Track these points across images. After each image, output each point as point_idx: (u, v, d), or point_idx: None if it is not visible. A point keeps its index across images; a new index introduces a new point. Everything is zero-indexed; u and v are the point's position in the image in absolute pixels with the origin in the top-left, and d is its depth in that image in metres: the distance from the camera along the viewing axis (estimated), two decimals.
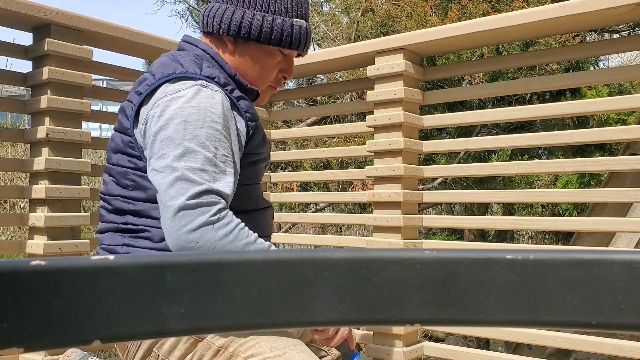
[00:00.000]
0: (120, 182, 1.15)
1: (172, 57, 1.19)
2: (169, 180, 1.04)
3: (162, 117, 1.08)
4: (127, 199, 1.14)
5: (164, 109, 1.08)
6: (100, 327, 0.28)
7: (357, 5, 4.45)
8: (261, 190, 1.33)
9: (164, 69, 1.14)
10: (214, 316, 0.29)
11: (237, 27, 1.20)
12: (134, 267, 0.29)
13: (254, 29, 1.20)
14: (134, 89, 1.17)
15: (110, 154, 1.18)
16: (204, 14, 1.26)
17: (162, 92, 1.11)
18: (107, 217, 1.17)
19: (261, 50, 1.24)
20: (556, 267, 0.29)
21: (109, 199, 1.17)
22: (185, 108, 1.08)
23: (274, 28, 1.21)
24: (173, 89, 1.10)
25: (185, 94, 1.09)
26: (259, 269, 0.30)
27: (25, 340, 0.27)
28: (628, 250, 0.31)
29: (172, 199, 1.02)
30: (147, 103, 1.13)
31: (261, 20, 1.20)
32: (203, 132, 1.07)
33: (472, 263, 0.30)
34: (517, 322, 0.30)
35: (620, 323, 0.28)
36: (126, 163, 1.14)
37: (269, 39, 1.22)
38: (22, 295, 0.27)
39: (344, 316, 0.30)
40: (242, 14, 1.20)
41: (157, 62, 1.20)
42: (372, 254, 0.30)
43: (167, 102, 1.09)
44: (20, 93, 8.38)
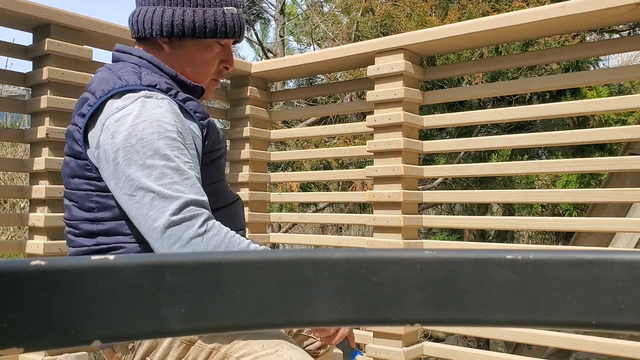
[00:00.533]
0: (84, 206, 1.13)
1: (109, 72, 1.16)
2: (146, 203, 1.02)
3: (116, 140, 1.05)
4: (94, 221, 1.12)
5: (115, 130, 1.05)
6: (100, 327, 0.28)
7: (357, 5, 4.45)
8: (227, 185, 1.32)
9: (103, 86, 1.10)
10: (214, 316, 0.29)
11: (170, 26, 1.17)
12: (134, 267, 0.29)
13: (187, 25, 1.18)
14: (77, 110, 1.14)
15: (67, 179, 1.16)
16: (131, 20, 1.22)
17: (107, 112, 1.08)
18: (76, 242, 1.14)
19: (197, 45, 1.22)
20: (556, 267, 0.29)
21: (75, 224, 1.14)
22: (136, 125, 1.05)
23: (206, 20, 1.19)
24: (117, 106, 1.07)
25: (131, 110, 1.06)
26: (259, 269, 0.30)
27: (25, 340, 0.27)
28: (628, 250, 0.31)
29: (155, 221, 1.01)
30: (93, 125, 1.09)
31: (192, 15, 1.18)
32: (161, 143, 1.04)
33: (472, 263, 0.30)
34: (517, 322, 0.30)
35: (620, 323, 0.28)
36: (86, 186, 1.12)
37: (203, 32, 1.19)
38: (22, 295, 0.27)
39: (344, 316, 0.30)
40: (171, 13, 1.17)
41: (95, 78, 1.17)
42: (372, 254, 0.30)
43: (115, 123, 1.06)
44: (20, 93, 8.38)
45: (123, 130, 1.04)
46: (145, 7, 1.20)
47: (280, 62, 2.12)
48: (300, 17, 6.69)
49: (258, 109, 2.15)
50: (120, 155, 1.04)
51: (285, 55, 6.21)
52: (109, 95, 1.09)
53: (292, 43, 7.44)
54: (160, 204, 1.01)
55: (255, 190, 2.14)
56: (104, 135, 1.06)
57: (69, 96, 1.61)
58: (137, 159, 1.03)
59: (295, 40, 7.12)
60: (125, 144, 1.04)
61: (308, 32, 5.64)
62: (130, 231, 1.10)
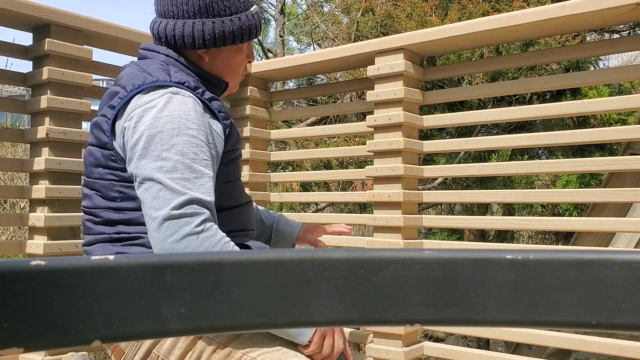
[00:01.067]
0: (107, 195, 1.15)
1: (139, 67, 1.18)
2: (152, 193, 1.05)
3: (137, 130, 1.08)
4: (116, 210, 1.14)
5: (138, 120, 1.09)
6: (100, 327, 0.28)
7: (357, 5, 4.45)
8: (242, 186, 1.35)
9: (134, 81, 1.13)
10: (214, 316, 0.29)
11: (212, 39, 1.20)
12: (134, 267, 0.29)
13: (227, 36, 1.21)
14: (106, 103, 1.17)
15: (90, 168, 1.18)
16: (162, 32, 1.22)
17: (134, 104, 1.11)
18: (95, 229, 1.17)
19: (233, 50, 1.26)
20: (556, 267, 0.29)
21: (96, 212, 1.16)
22: (159, 118, 1.08)
23: (242, 27, 1.23)
24: (145, 99, 1.11)
25: (157, 104, 1.09)
26: (259, 269, 0.30)
27: (25, 340, 0.27)
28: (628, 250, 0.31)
29: (156, 210, 1.03)
30: (121, 116, 1.13)
31: (230, 24, 1.21)
32: (179, 139, 1.07)
33: (472, 263, 0.30)
34: (517, 322, 0.30)
35: (620, 323, 0.28)
36: (110, 176, 1.15)
37: (240, 39, 1.24)
38: (22, 295, 0.27)
39: (344, 316, 0.30)
40: (211, 26, 1.20)
41: (125, 73, 1.20)
42: (372, 254, 0.30)
43: (140, 113, 1.09)
44: (20, 93, 8.38)
45: (146, 121, 1.08)
46: (180, 20, 1.20)
47: (280, 62, 2.12)
48: (300, 17, 6.69)
49: (258, 109, 2.15)
50: (140, 145, 1.07)
51: (285, 55, 6.21)
52: (139, 89, 1.12)
53: (292, 43, 7.44)
54: (166, 195, 1.04)
55: (255, 190, 2.14)
56: (128, 124, 1.10)
57: (69, 96, 1.61)
58: (153, 149, 1.06)
59: (295, 40, 7.12)
60: (145, 135, 1.07)
61: (308, 32, 5.65)
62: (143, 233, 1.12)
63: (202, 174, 1.08)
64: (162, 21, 1.22)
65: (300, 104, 4.94)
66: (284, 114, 3.39)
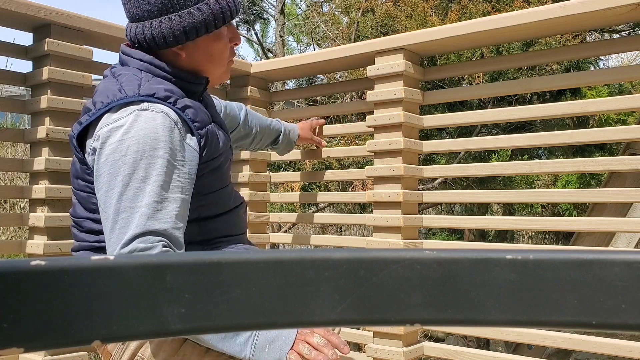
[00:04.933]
0: (87, 206, 1.16)
1: (113, 80, 1.16)
2: (109, 224, 1.03)
3: (103, 153, 1.06)
4: (95, 221, 1.15)
5: (104, 141, 1.07)
6: (100, 327, 0.28)
7: (357, 5, 4.45)
8: (232, 189, 1.32)
9: (103, 97, 1.11)
10: (214, 316, 0.29)
11: (183, 33, 1.16)
12: (134, 267, 0.29)
13: (199, 25, 1.16)
14: (80, 115, 1.17)
15: (72, 178, 1.19)
16: (133, 37, 1.20)
17: (103, 122, 1.09)
18: (80, 236, 1.19)
19: (209, 39, 1.21)
20: (556, 267, 0.29)
21: (79, 221, 1.19)
22: (124, 141, 1.05)
23: (213, 12, 1.17)
24: (113, 118, 1.08)
25: (124, 123, 1.06)
26: (259, 269, 0.30)
27: (25, 340, 0.27)
28: (628, 250, 0.31)
29: (110, 246, 1.03)
30: (91, 135, 1.11)
31: (199, 13, 1.16)
32: (143, 163, 1.04)
33: (472, 263, 0.30)
34: (517, 322, 0.30)
35: (620, 323, 0.28)
36: (87, 189, 1.15)
37: (214, 25, 1.18)
38: (22, 295, 0.27)
39: (344, 316, 0.30)
40: (179, 20, 1.15)
41: (99, 87, 1.17)
42: (372, 254, 0.30)
43: (106, 134, 1.07)
44: (20, 93, 8.37)
45: (111, 144, 1.05)
46: (147, 21, 1.17)
47: (280, 62, 2.12)
48: (300, 17, 6.69)
49: (258, 109, 2.15)
50: (102, 169, 1.05)
51: (285, 55, 6.21)
52: (107, 107, 1.09)
53: (292, 43, 7.44)
54: (120, 229, 1.02)
55: (255, 190, 2.14)
56: (95, 144, 1.08)
57: (69, 96, 1.61)
58: (117, 175, 1.04)
59: (295, 40, 7.12)
60: (110, 160, 1.05)
61: (308, 32, 5.65)
62: None
63: (162, 198, 1.05)
64: (132, 25, 1.19)
65: (300, 104, 4.94)
66: (284, 114, 3.39)
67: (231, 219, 1.27)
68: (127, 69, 1.18)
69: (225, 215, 1.26)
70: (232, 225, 1.28)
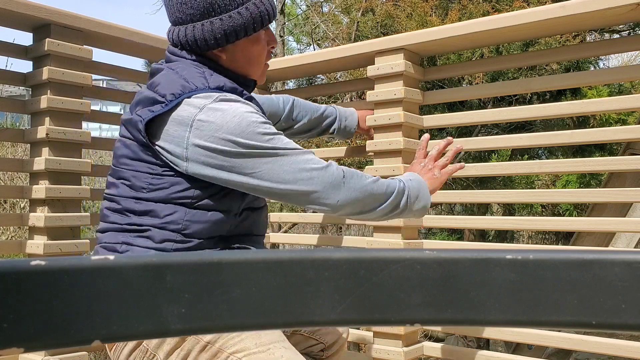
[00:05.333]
0: (135, 185, 1.17)
1: (175, 73, 1.19)
2: (299, 164, 1.15)
3: (220, 135, 1.11)
4: (139, 200, 1.16)
5: (213, 128, 1.11)
6: (100, 327, 0.28)
7: (357, 5, 4.45)
8: None
9: (172, 89, 1.14)
10: (214, 316, 0.29)
11: (224, 35, 1.20)
12: (134, 267, 0.29)
13: (238, 29, 1.20)
14: (143, 104, 1.17)
15: (123, 159, 1.20)
16: (176, 40, 1.24)
17: (188, 113, 1.12)
18: (111, 218, 1.19)
19: (249, 41, 1.25)
20: (556, 267, 0.29)
21: (118, 199, 1.19)
22: (236, 116, 1.11)
23: (252, 16, 1.21)
24: (198, 105, 1.12)
25: (221, 107, 1.12)
26: (259, 269, 0.30)
27: (25, 340, 0.27)
28: (628, 250, 0.31)
29: (324, 175, 1.16)
30: (172, 125, 1.14)
31: (239, 17, 1.20)
32: (262, 125, 1.14)
33: (472, 263, 0.30)
34: (517, 322, 0.30)
35: (620, 323, 0.28)
36: (145, 169, 1.17)
37: (253, 28, 1.22)
38: (22, 295, 0.27)
39: (344, 316, 0.30)
40: (220, 23, 1.19)
41: (162, 78, 1.19)
42: (372, 254, 0.30)
43: (205, 121, 1.11)
44: (20, 93, 8.38)
45: (225, 124, 1.11)
46: (189, 24, 1.21)
47: (280, 62, 2.12)
48: (300, 17, 6.69)
49: None
50: (238, 144, 1.12)
51: (285, 55, 6.21)
52: (180, 99, 1.13)
53: (292, 43, 7.43)
54: (313, 161, 1.17)
55: None
56: (196, 134, 1.12)
57: (69, 96, 1.61)
58: (254, 137, 1.12)
59: (295, 40, 7.12)
60: (236, 134, 1.11)
61: (308, 32, 5.64)
62: (163, 216, 1.15)
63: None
64: (175, 28, 1.24)
65: None
66: None
67: (259, 218, 1.31)
68: (184, 63, 1.22)
69: (255, 213, 1.28)
70: (258, 225, 1.30)
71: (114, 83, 12.11)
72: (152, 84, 1.20)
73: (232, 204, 1.19)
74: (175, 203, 1.15)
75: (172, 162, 1.14)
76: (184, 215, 1.14)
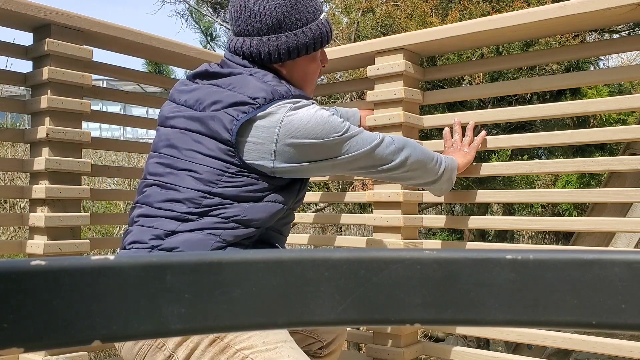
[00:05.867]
0: (205, 179, 1.20)
1: (254, 78, 1.24)
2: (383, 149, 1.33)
3: (313, 134, 1.21)
4: (207, 194, 1.20)
5: (306, 129, 1.20)
6: (100, 327, 0.28)
7: (357, 6, 4.45)
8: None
9: (261, 93, 1.20)
10: (214, 316, 0.29)
11: (287, 52, 1.28)
12: (134, 267, 0.29)
13: (301, 47, 1.28)
14: (224, 104, 1.21)
15: (191, 153, 1.22)
16: (239, 50, 1.30)
17: (278, 114, 1.20)
18: (165, 205, 1.21)
19: (307, 59, 1.33)
20: (556, 267, 0.29)
21: (181, 189, 1.21)
22: (318, 119, 1.22)
23: (314, 36, 1.30)
24: (291, 108, 1.21)
25: (307, 111, 1.21)
26: (259, 269, 0.30)
27: (25, 340, 0.27)
28: (628, 250, 0.31)
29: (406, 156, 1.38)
30: (256, 125, 1.20)
31: (303, 36, 1.28)
32: (341, 123, 1.27)
33: (472, 263, 0.30)
34: (517, 322, 0.30)
35: (620, 323, 0.28)
36: (219, 166, 1.20)
37: (313, 48, 1.31)
38: (22, 295, 0.27)
39: (344, 316, 0.30)
40: (285, 40, 1.27)
41: (245, 82, 1.24)
42: (372, 254, 0.30)
43: (297, 124, 1.20)
44: (20, 93, 8.38)
45: (310, 120, 1.21)
46: (255, 37, 1.28)
47: None
48: None
49: None
50: (323, 137, 1.22)
51: None
52: (272, 104, 1.20)
53: None
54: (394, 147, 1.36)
55: None
56: (285, 131, 1.20)
57: (69, 96, 1.61)
58: (335, 127, 1.23)
59: None
60: (320, 126, 1.22)
61: None
62: (226, 209, 1.19)
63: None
64: (239, 40, 1.30)
65: None
66: None
67: (292, 217, 1.38)
68: (264, 74, 1.27)
69: (291, 214, 1.36)
70: (288, 227, 1.37)
71: (113, 83, 12.12)
72: (231, 85, 1.24)
73: (288, 199, 1.28)
74: (243, 200, 1.21)
75: (257, 162, 1.20)
76: (245, 208, 1.20)
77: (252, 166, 1.21)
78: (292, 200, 1.30)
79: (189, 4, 5.99)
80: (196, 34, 7.38)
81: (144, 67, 6.28)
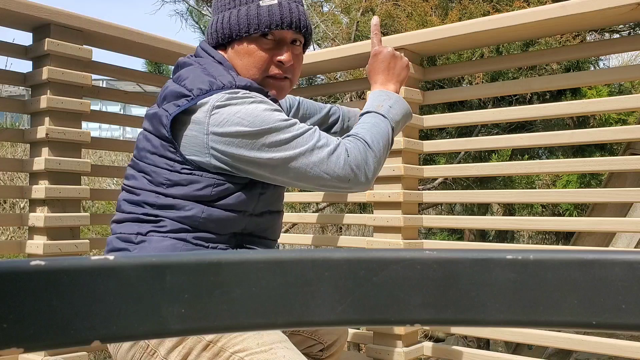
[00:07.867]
0: (155, 180, 1.19)
1: (201, 68, 1.20)
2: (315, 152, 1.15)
3: (240, 128, 1.12)
4: (160, 194, 1.18)
5: (235, 121, 1.12)
6: (100, 327, 0.28)
7: (357, 5, 4.45)
8: (282, 192, 1.37)
9: (199, 85, 1.16)
10: (213, 316, 0.29)
11: (215, 33, 1.24)
12: (134, 267, 0.29)
13: (225, 30, 1.22)
14: (168, 99, 1.18)
15: (144, 152, 1.21)
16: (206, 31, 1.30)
17: (208, 104, 1.14)
18: (127, 209, 1.20)
19: (243, 44, 1.23)
20: (556, 267, 0.29)
21: (137, 192, 1.20)
22: (252, 110, 1.12)
23: (239, 19, 1.21)
24: (223, 101, 1.13)
25: (243, 101, 1.13)
26: (259, 269, 0.30)
27: (25, 340, 0.27)
28: (628, 250, 0.31)
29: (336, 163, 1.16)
30: (194, 120, 1.15)
31: (228, 17, 1.22)
32: (275, 114, 1.15)
33: (472, 263, 0.30)
34: (517, 322, 0.30)
35: (620, 323, 0.28)
36: (164, 165, 1.18)
37: (237, 31, 1.22)
38: (22, 295, 0.27)
39: (344, 316, 0.30)
40: (216, 20, 1.23)
41: (189, 73, 1.20)
42: (372, 254, 0.30)
43: (227, 117, 1.12)
44: (20, 93, 8.38)
45: (241, 109, 1.12)
46: (215, 15, 1.26)
47: None
48: None
49: None
50: (254, 124, 1.12)
51: None
52: (209, 95, 1.14)
53: None
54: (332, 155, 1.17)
55: None
56: (214, 120, 1.13)
57: (69, 96, 1.61)
58: (269, 118, 1.13)
59: None
60: (253, 115, 1.12)
61: None
62: (181, 210, 1.16)
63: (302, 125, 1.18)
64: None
65: None
66: None
67: (276, 223, 1.31)
68: (212, 62, 1.23)
69: (272, 216, 1.29)
70: (274, 229, 1.31)
71: (113, 83, 12.12)
72: (179, 77, 1.21)
73: (249, 203, 1.20)
74: (194, 200, 1.16)
75: (195, 157, 1.15)
76: (201, 212, 1.16)
77: (194, 162, 1.16)
78: (252, 204, 1.22)
79: (189, 4, 5.99)
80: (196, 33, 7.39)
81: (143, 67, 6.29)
